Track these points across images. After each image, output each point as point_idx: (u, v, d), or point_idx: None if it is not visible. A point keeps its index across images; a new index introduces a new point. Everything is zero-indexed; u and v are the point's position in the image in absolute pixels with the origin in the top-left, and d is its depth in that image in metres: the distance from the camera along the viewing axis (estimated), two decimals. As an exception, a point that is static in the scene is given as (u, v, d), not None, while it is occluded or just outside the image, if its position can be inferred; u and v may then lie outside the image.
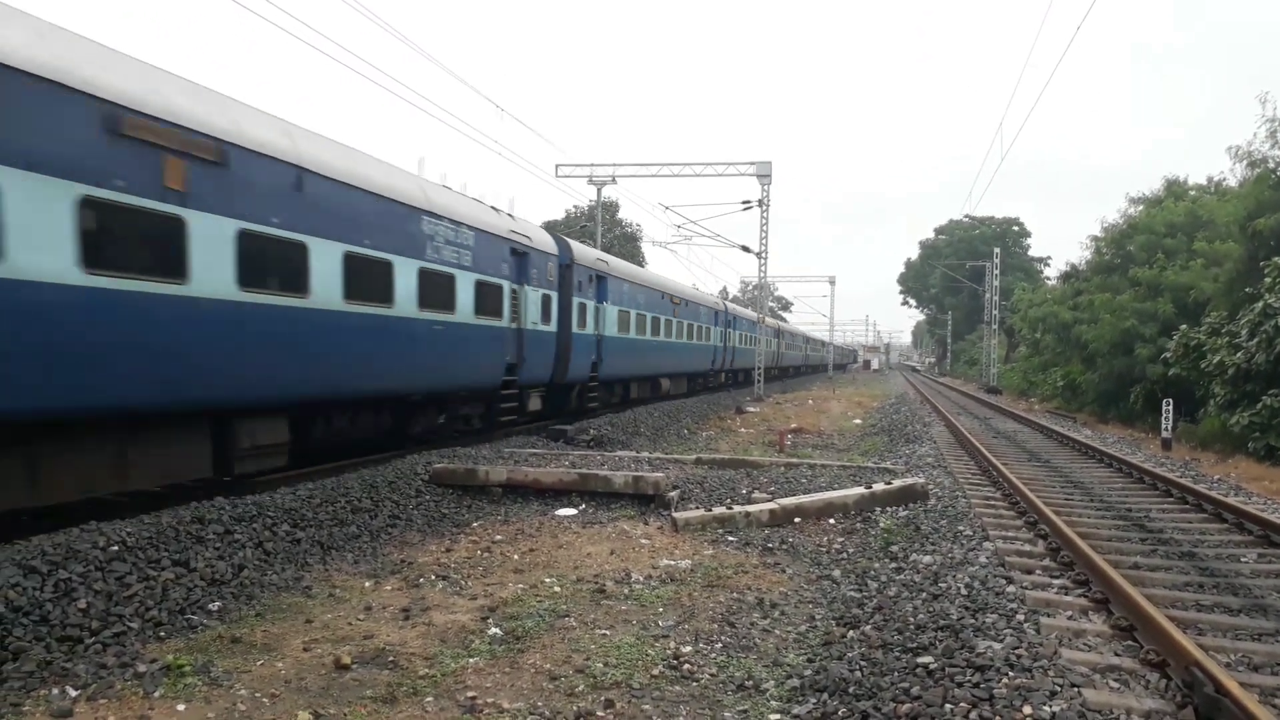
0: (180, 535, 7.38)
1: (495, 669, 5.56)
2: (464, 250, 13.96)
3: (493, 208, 16.23)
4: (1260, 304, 19.03)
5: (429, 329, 12.94)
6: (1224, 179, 33.92)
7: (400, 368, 12.36)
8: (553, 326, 17.95)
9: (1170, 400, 20.78)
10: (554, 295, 17.97)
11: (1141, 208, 37.06)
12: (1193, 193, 36.36)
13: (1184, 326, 24.30)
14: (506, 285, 15.58)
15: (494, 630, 6.27)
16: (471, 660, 5.69)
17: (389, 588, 7.49)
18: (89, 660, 5.45)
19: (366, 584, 7.59)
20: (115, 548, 6.76)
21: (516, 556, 8.48)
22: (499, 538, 9.27)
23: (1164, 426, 20.35)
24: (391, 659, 5.71)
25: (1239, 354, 19.33)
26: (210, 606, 6.68)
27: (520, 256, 16.33)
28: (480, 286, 14.47)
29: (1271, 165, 22.78)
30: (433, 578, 7.74)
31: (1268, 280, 19.39)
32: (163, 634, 6.10)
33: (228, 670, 5.46)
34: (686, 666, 5.63)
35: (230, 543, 7.65)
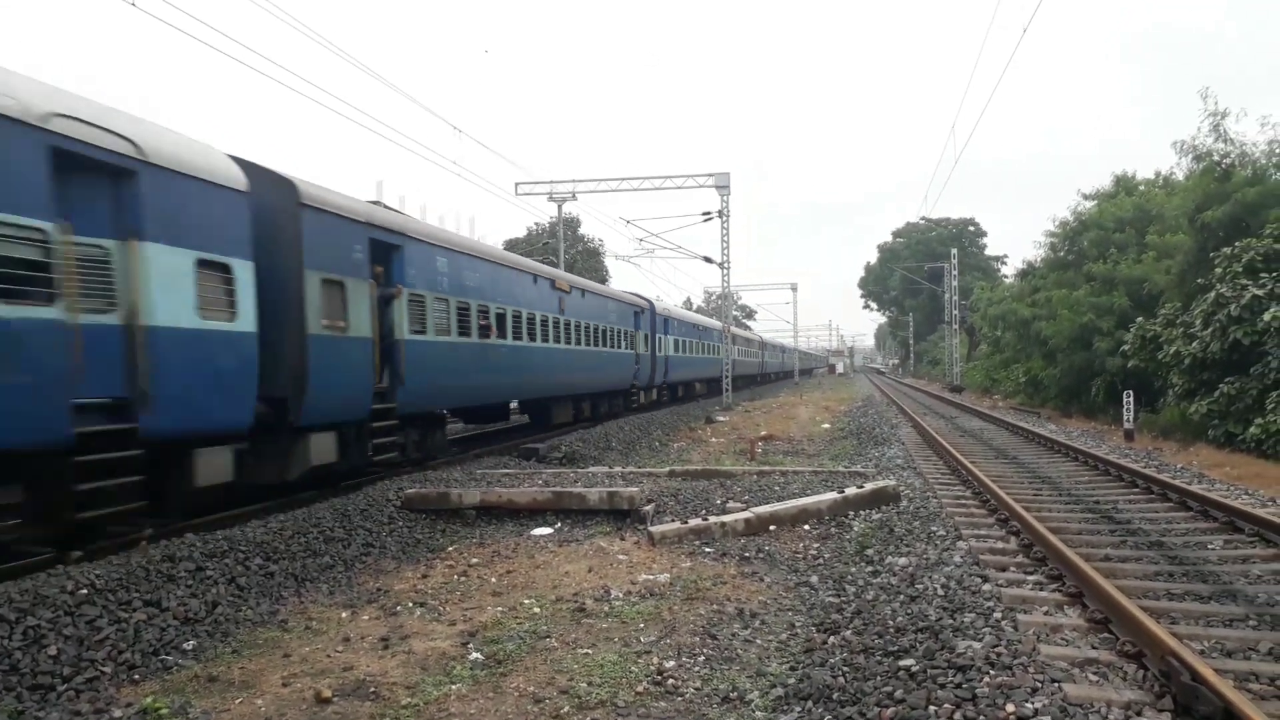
0: (151, 575, 7.26)
1: (478, 694, 5.52)
2: None
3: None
4: (1212, 294, 19.45)
5: None
6: (1172, 173, 34.71)
7: None
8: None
9: (1131, 392, 21.17)
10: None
11: (1094, 203, 37.76)
12: (1141, 187, 37.11)
13: (1140, 319, 24.77)
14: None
15: (475, 655, 6.22)
16: (454, 687, 5.64)
17: (366, 617, 7.41)
18: (62, 708, 5.34)
19: (343, 614, 7.50)
20: (84, 591, 6.63)
21: (494, 579, 8.42)
22: (475, 561, 9.21)
23: (1126, 418, 20.72)
24: (373, 690, 5.65)
25: (1194, 344, 19.74)
26: (185, 646, 6.58)
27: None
28: None
29: (1216, 158, 23.33)
30: (410, 605, 7.67)
31: (1218, 270, 19.84)
32: (137, 677, 5.99)
33: (206, 710, 5.37)
34: (670, 681, 5.62)
35: (202, 580, 7.53)
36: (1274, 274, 18.10)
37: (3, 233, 7.27)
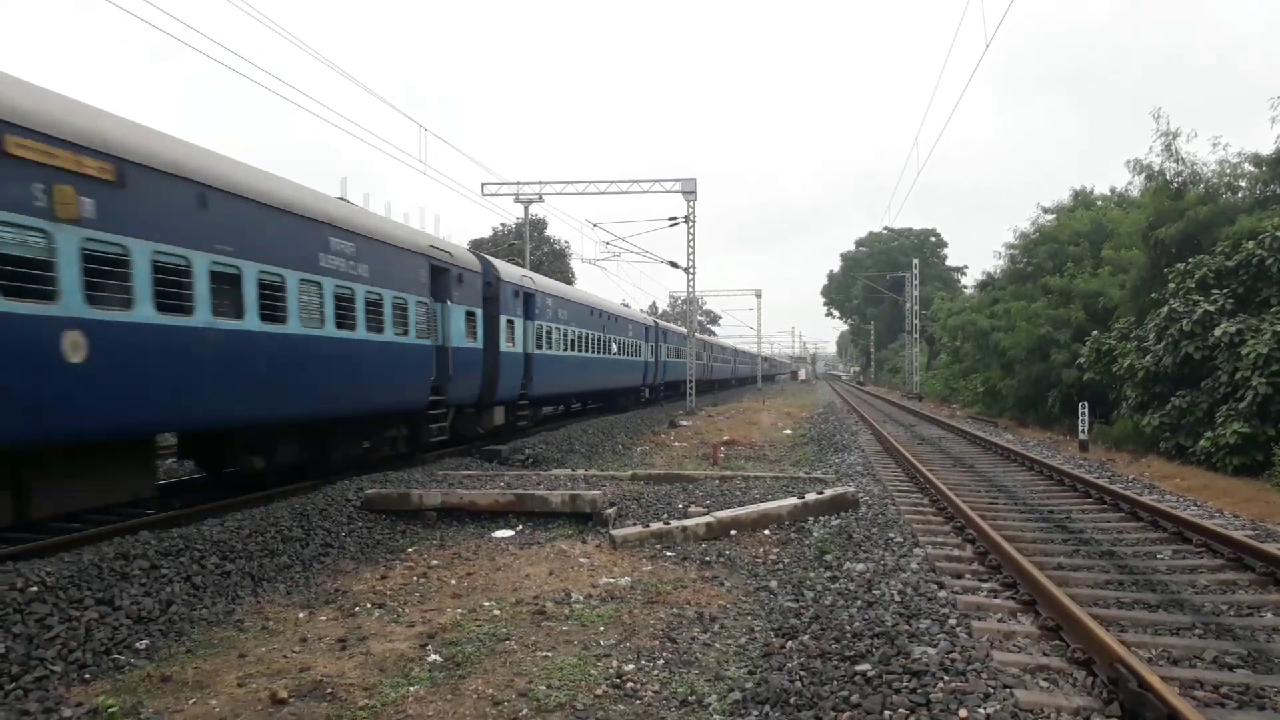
0: (104, 573, 7.15)
1: (436, 697, 5.50)
2: None
3: None
4: (1165, 309, 19.85)
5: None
6: (1128, 189, 35.39)
7: None
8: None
9: (1086, 403, 21.53)
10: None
11: (1053, 216, 38.39)
12: (1099, 203, 37.79)
13: (1095, 332, 25.21)
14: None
15: (434, 657, 6.20)
16: (412, 689, 5.62)
17: (324, 618, 7.34)
18: (9, 707, 5.23)
19: (300, 615, 7.43)
20: (35, 588, 6.52)
21: (454, 581, 8.39)
22: (435, 562, 9.17)
23: (1081, 429, 21.07)
24: (329, 691, 5.61)
25: (1147, 357, 20.13)
26: (138, 645, 6.48)
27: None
28: None
29: (1169, 177, 23.83)
30: (369, 606, 7.62)
31: (1171, 286, 20.27)
32: (88, 676, 5.90)
33: (158, 710, 5.30)
34: (629, 685, 5.64)
35: (157, 578, 7.43)
36: (1225, 290, 18.52)
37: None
